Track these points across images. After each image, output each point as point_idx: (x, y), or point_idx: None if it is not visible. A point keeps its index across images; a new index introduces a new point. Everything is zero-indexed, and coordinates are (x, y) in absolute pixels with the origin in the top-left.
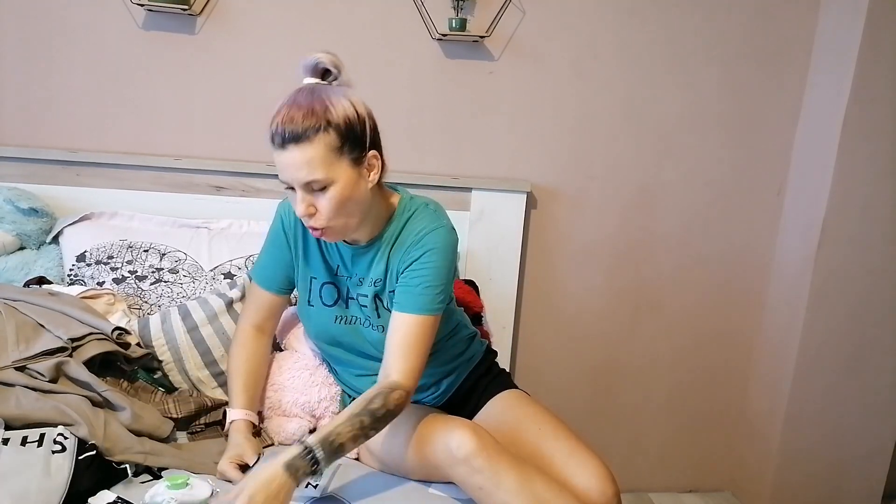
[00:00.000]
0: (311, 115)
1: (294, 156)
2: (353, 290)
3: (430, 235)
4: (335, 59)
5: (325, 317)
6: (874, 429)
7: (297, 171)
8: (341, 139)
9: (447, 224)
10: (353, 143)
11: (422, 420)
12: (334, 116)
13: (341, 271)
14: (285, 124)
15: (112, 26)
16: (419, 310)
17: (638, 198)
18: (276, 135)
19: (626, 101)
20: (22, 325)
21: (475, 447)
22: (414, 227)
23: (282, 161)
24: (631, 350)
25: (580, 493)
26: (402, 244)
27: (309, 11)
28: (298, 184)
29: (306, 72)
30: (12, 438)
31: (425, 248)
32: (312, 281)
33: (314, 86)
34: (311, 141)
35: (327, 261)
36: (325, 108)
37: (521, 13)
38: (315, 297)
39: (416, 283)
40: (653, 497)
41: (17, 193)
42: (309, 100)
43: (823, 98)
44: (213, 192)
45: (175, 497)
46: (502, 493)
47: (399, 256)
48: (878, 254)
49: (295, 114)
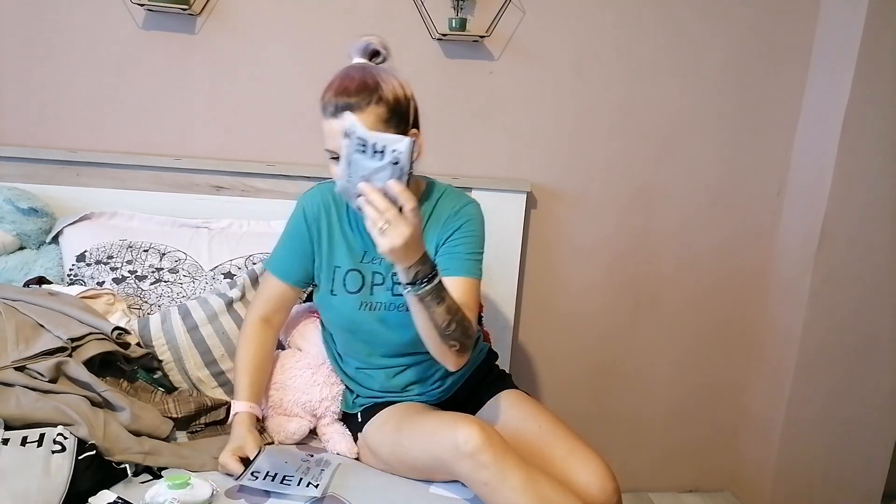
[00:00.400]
0: (363, 88)
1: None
2: (384, 270)
3: (466, 207)
4: (384, 42)
5: (348, 305)
6: (874, 429)
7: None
8: (390, 113)
9: (476, 201)
10: (399, 119)
11: (427, 416)
12: (385, 92)
13: (369, 255)
14: (338, 94)
15: (112, 26)
16: (467, 272)
17: (638, 197)
18: (329, 104)
19: (626, 101)
20: (22, 325)
21: (482, 442)
22: (448, 203)
23: (332, 128)
24: (631, 350)
25: (581, 491)
26: (437, 220)
27: (309, 11)
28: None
29: (356, 53)
30: (12, 438)
31: (465, 219)
32: (336, 270)
33: (364, 64)
34: (362, 110)
35: (353, 248)
36: (376, 83)
37: (521, 13)
38: (339, 286)
39: (460, 250)
40: (653, 497)
41: (16, 193)
42: (361, 74)
43: (823, 98)
44: (213, 192)
45: (176, 497)
46: (507, 490)
47: (437, 231)
48: (878, 254)
49: (349, 84)
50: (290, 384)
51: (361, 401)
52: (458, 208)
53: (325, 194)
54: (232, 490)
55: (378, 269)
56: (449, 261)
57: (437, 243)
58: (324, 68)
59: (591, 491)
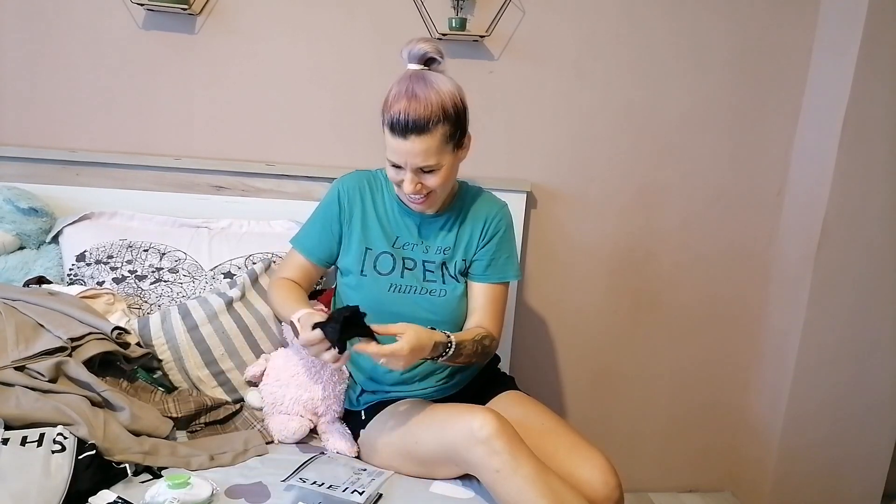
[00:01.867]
0: (429, 109)
1: (414, 145)
2: (416, 257)
3: (503, 211)
4: (438, 46)
5: (379, 286)
6: (874, 429)
7: (415, 158)
8: (453, 128)
9: (506, 203)
10: (460, 131)
11: (439, 407)
12: (449, 107)
13: (401, 241)
14: (408, 115)
15: (112, 26)
16: (505, 277)
17: (638, 197)
18: (398, 123)
19: (626, 101)
20: (22, 325)
21: (497, 429)
22: (484, 205)
23: (400, 147)
24: (631, 349)
25: (583, 486)
26: (474, 219)
27: (309, 11)
28: (412, 168)
29: (413, 60)
30: (12, 438)
31: (504, 224)
32: (367, 252)
33: (423, 73)
34: (431, 132)
35: (387, 232)
36: (440, 99)
37: (521, 13)
38: (369, 267)
39: (500, 255)
40: (653, 497)
41: (16, 193)
42: (425, 91)
43: (823, 98)
44: (214, 192)
45: (176, 497)
46: (519, 479)
47: (471, 230)
48: (878, 254)
49: (416, 106)
50: (291, 382)
51: (367, 398)
52: (497, 211)
53: (361, 179)
54: (232, 490)
55: (409, 255)
56: (490, 266)
57: (476, 244)
58: (324, 68)
59: (594, 486)
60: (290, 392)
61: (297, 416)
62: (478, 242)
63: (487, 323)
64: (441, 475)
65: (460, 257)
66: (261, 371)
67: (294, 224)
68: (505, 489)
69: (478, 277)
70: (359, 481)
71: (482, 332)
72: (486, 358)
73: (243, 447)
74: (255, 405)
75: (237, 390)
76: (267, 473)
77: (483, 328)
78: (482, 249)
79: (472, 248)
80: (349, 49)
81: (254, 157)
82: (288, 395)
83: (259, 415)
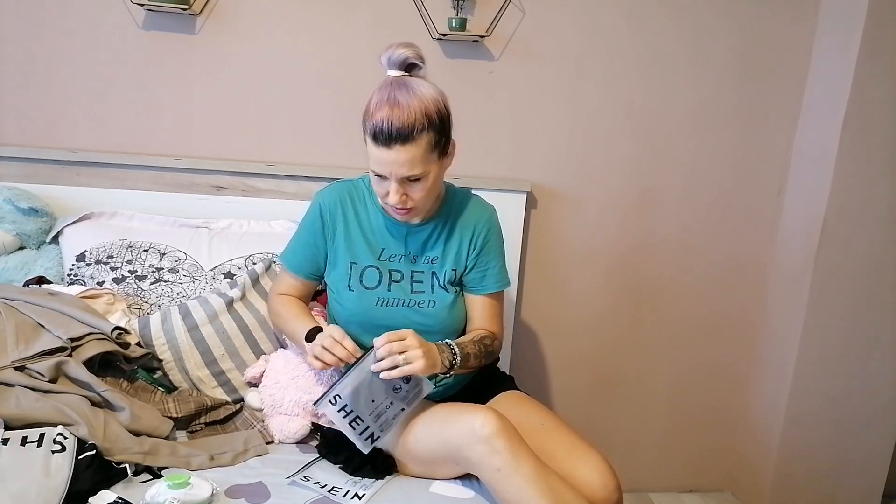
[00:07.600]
0: (412, 116)
1: (398, 155)
2: (403, 269)
3: (492, 220)
4: (418, 51)
5: (365, 301)
6: (874, 429)
7: (399, 168)
8: (437, 135)
9: (493, 207)
10: (445, 137)
11: (439, 407)
12: (433, 113)
13: (387, 253)
14: (391, 124)
15: (112, 26)
16: (499, 286)
17: (638, 197)
18: (381, 133)
19: (626, 101)
20: (22, 325)
21: (498, 428)
22: (472, 212)
23: (383, 157)
24: (631, 350)
25: (582, 487)
26: (462, 228)
27: (309, 11)
28: (397, 178)
29: (393, 66)
30: (12, 438)
31: (494, 232)
32: (353, 266)
33: (404, 79)
34: (415, 141)
35: (372, 244)
36: (423, 106)
37: (521, 13)
38: (356, 281)
39: (492, 264)
40: (653, 497)
41: (16, 193)
42: (407, 98)
43: (823, 98)
44: (214, 192)
45: (176, 497)
46: (519, 478)
47: (459, 239)
48: (878, 254)
49: (399, 114)
50: (291, 384)
51: None
52: (486, 219)
53: (342, 191)
54: (232, 490)
55: (396, 267)
56: (484, 278)
57: (468, 251)
58: (324, 68)
59: (593, 487)
60: (290, 394)
61: (298, 416)
62: (468, 252)
63: (487, 327)
64: (441, 474)
65: (450, 267)
66: (260, 373)
67: (294, 224)
68: (505, 488)
69: (475, 290)
70: (361, 481)
71: (480, 333)
72: (492, 357)
73: (243, 447)
74: (254, 406)
75: (237, 390)
76: (267, 473)
77: (481, 329)
78: (473, 260)
79: (462, 257)
80: (349, 49)
81: (254, 157)
82: (287, 397)
83: (259, 415)
